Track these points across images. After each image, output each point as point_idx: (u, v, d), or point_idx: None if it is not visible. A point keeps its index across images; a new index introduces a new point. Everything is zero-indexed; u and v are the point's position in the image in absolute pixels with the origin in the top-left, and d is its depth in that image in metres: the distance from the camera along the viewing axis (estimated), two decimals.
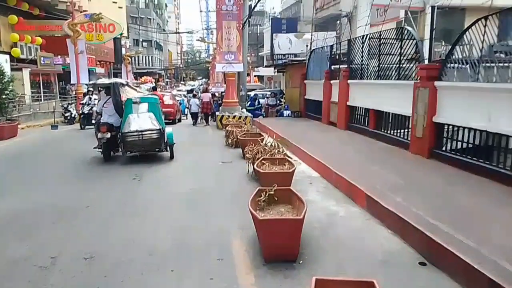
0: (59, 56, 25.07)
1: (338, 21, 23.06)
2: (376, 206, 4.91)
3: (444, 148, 6.84)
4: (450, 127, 6.75)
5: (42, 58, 23.68)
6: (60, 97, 25.46)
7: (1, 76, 13.77)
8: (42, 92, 24.11)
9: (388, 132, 8.87)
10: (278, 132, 11.04)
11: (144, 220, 4.97)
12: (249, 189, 6.23)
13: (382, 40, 9.24)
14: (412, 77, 7.91)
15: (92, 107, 15.59)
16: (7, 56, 19.16)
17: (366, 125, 10.00)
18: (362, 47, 10.23)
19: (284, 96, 21.75)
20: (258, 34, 45.32)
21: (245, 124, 12.72)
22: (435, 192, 5.31)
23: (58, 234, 4.55)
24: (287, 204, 4.56)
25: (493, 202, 4.90)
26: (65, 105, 19.69)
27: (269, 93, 20.15)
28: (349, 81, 10.81)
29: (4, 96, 13.98)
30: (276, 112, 17.90)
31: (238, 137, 9.30)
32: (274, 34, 21.74)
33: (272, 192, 4.50)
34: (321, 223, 4.74)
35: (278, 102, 18.71)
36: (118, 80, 10.25)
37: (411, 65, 8.15)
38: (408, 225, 4.20)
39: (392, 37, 8.95)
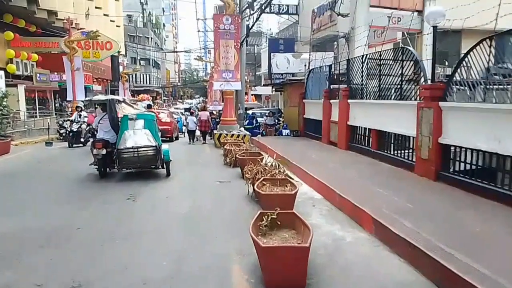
0: (55, 73, 24.99)
1: (335, 42, 23.21)
2: (384, 232, 4.64)
3: (451, 170, 6.62)
4: (457, 148, 6.55)
5: (38, 75, 23.61)
6: (56, 114, 25.24)
7: None
8: (37, 109, 23.93)
9: (391, 153, 8.66)
10: (277, 152, 10.81)
11: (138, 244, 4.67)
12: (248, 210, 5.98)
13: (383, 60, 9.14)
14: (415, 97, 7.79)
15: (81, 125, 15.15)
16: (2, 72, 18.98)
17: (367, 145, 9.80)
18: (362, 67, 10.13)
19: (282, 115, 21.68)
20: (256, 54, 45.67)
21: (244, 142, 12.50)
22: (445, 217, 5.06)
23: (45, 260, 4.23)
24: (290, 229, 4.29)
25: (506, 227, 4.65)
26: (60, 122, 19.44)
27: (267, 112, 20.06)
28: (349, 101, 10.67)
29: None
30: (275, 131, 17.74)
31: (237, 156, 9.05)
32: (271, 54, 21.79)
33: (274, 216, 4.23)
34: (327, 250, 4.46)
35: (276, 121, 18.59)
36: (114, 96, 10.21)
37: (413, 85, 8.05)
38: (420, 253, 3.93)
39: (392, 57, 8.85)
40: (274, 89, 26.01)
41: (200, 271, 3.94)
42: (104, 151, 8.33)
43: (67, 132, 15.41)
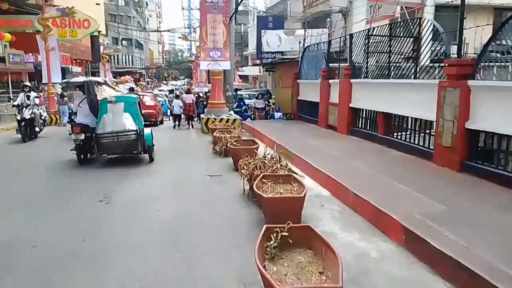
0: (30, 54, 23.37)
1: (328, 19, 22.01)
2: (421, 245, 3.67)
3: (480, 161, 5.68)
4: (489, 135, 5.60)
5: (11, 56, 22.03)
6: None
7: None
8: (11, 92, 22.40)
9: (403, 139, 7.69)
10: (272, 138, 9.78)
11: (106, 267, 3.61)
12: (246, 215, 4.96)
13: (393, 34, 8.07)
14: (433, 75, 6.80)
15: (32, 110, 11.69)
16: None
17: (373, 130, 8.82)
18: (367, 42, 9.05)
19: (271, 97, 20.57)
20: (242, 34, 43.97)
21: (234, 128, 11.40)
22: (491, 223, 4.10)
23: None
24: (305, 248, 3.30)
25: None
26: None
27: (257, 94, 18.88)
28: (351, 81, 9.61)
29: None
30: (266, 115, 16.65)
31: (228, 145, 7.97)
32: (262, 31, 20.43)
33: (286, 233, 3.23)
34: (349, 271, 3.46)
35: (266, 104, 17.38)
36: (93, 78, 9.52)
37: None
38: (477, 279, 2.99)
39: (403, 31, 7.78)
40: (264, 69, 24.74)
41: None
42: (82, 136, 7.92)
43: (17, 121, 11.69)
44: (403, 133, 7.72)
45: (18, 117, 11.53)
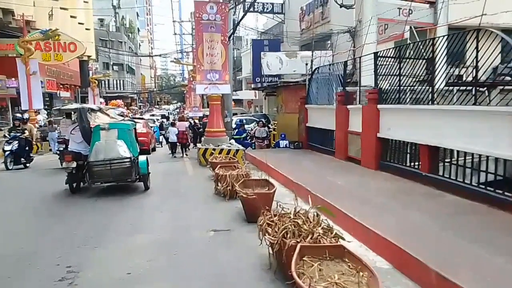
0: (13, 79, 21.77)
1: (329, 41, 20.89)
2: None
3: None
4: None
5: None
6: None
7: None
8: None
9: (459, 179, 6.07)
10: (284, 174, 8.18)
11: None
12: None
13: (439, 48, 6.61)
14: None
15: None
16: None
17: (413, 166, 7.23)
18: (399, 62, 7.60)
19: (271, 122, 19.14)
20: (235, 58, 43.12)
21: (237, 160, 9.75)
22: None
23: None
24: None
25: None
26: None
27: (257, 120, 17.38)
28: (379, 106, 8.10)
29: None
30: (268, 145, 15.11)
31: (236, 189, 6.25)
32: (262, 53, 19.09)
33: None
34: None
35: (267, 132, 15.68)
36: (86, 105, 9.26)
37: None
38: None
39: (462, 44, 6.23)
40: (264, 93, 23.36)
41: None
42: (74, 164, 7.68)
43: None
44: (462, 172, 6.10)
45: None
